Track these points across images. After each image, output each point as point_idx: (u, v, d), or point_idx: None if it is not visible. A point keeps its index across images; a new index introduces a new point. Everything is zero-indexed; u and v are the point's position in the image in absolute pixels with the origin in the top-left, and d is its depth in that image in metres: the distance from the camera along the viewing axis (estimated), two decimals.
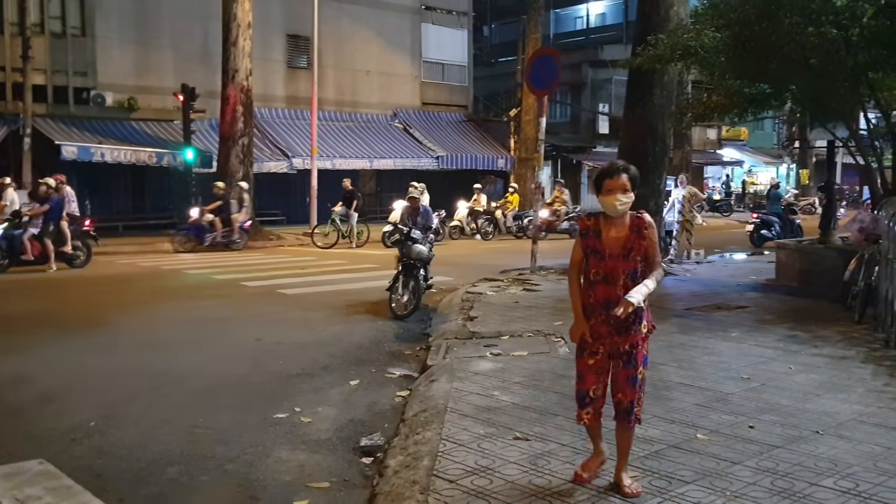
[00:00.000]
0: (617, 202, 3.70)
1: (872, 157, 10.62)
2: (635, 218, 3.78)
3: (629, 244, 3.74)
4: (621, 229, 3.76)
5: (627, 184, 3.70)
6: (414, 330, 8.60)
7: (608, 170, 3.78)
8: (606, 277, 3.76)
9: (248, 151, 20.32)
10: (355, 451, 4.83)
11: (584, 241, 3.83)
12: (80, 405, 5.69)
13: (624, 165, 3.77)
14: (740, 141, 39.06)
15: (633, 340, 3.78)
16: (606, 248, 3.76)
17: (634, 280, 3.74)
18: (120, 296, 11.08)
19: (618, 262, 3.74)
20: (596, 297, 3.80)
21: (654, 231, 3.78)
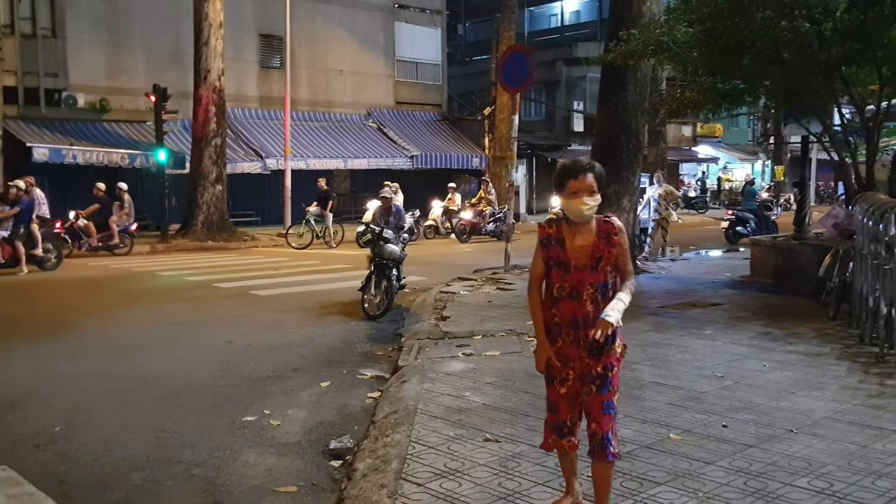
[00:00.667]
0: (583, 206, 3.23)
1: (846, 152, 10.67)
2: (603, 223, 3.32)
3: (597, 253, 3.28)
4: (588, 236, 3.30)
5: (594, 184, 3.24)
6: (386, 330, 8.50)
7: (572, 169, 3.29)
8: (572, 292, 3.31)
9: (221, 152, 20.10)
10: (324, 453, 4.74)
11: (546, 251, 3.36)
12: (45, 410, 5.55)
13: (589, 164, 3.30)
14: (715, 138, 39.36)
15: (606, 362, 3.31)
16: (571, 258, 3.30)
17: (605, 294, 3.31)
18: (90, 298, 10.87)
19: (585, 275, 3.29)
20: (561, 315, 3.34)
21: (626, 237, 3.35)
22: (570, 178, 3.26)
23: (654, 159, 25.54)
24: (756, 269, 11.71)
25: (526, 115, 32.93)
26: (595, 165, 3.31)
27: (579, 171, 3.27)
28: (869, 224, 7.01)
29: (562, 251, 3.32)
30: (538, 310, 3.42)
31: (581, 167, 3.28)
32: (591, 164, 3.31)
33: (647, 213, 15.14)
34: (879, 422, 4.79)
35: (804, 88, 9.77)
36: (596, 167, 3.30)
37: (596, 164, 3.32)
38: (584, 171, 3.27)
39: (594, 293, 3.30)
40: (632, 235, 13.06)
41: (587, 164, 3.30)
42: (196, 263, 15.40)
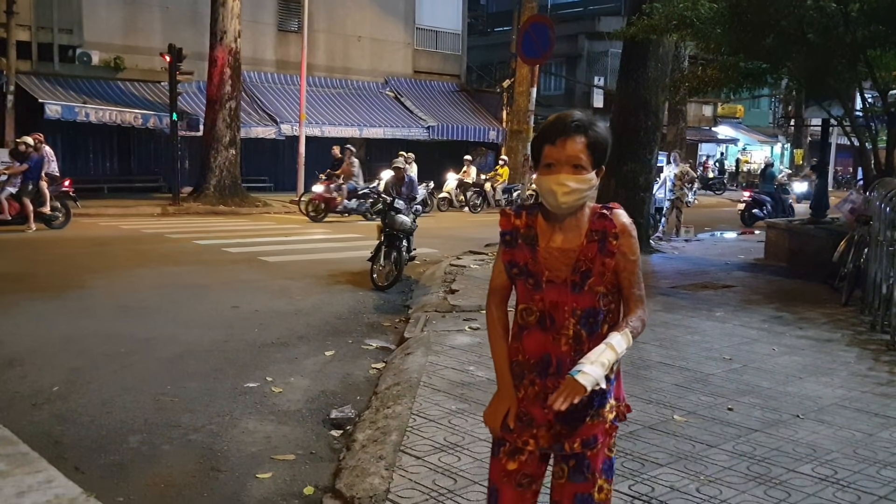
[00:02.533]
0: (559, 189, 2.09)
1: (867, 137, 10.46)
2: (599, 217, 2.19)
3: (584, 263, 2.16)
4: (572, 235, 2.18)
5: (583, 155, 2.10)
6: (394, 301, 8.45)
7: (550, 127, 2.15)
8: (544, 319, 2.19)
9: (236, 115, 19.99)
10: (325, 423, 4.70)
11: (509, 253, 2.24)
12: (44, 370, 5.54)
13: (578, 121, 2.12)
14: (736, 119, 38.86)
15: (588, 435, 2.19)
16: (544, 267, 2.18)
17: (594, 328, 2.17)
18: (97, 259, 10.87)
19: (564, 294, 2.16)
20: (526, 351, 2.23)
21: (633, 241, 2.19)
22: (546, 142, 2.12)
23: (673, 138, 25.28)
24: (770, 252, 11.58)
25: (545, 89, 32.59)
26: (588, 124, 2.13)
27: (560, 130, 2.10)
28: (886, 210, 6.87)
29: (531, 255, 2.19)
30: (498, 337, 2.29)
31: (563, 125, 2.11)
32: (582, 121, 2.12)
33: (663, 192, 14.97)
34: (887, 410, 4.71)
35: (827, 70, 9.55)
36: (590, 127, 2.12)
37: (591, 123, 2.14)
38: (566, 131, 2.10)
39: (576, 325, 2.16)
40: (647, 215, 12.93)
41: (575, 121, 2.11)
42: (206, 227, 15.38)
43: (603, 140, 2.14)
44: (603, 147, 2.14)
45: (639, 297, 2.20)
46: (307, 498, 3.69)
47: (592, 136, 2.11)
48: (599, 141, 2.13)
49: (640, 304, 2.20)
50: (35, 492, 3.61)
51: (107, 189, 21.18)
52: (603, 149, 2.14)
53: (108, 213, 16.96)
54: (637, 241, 2.20)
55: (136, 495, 3.65)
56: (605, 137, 2.14)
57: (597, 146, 2.12)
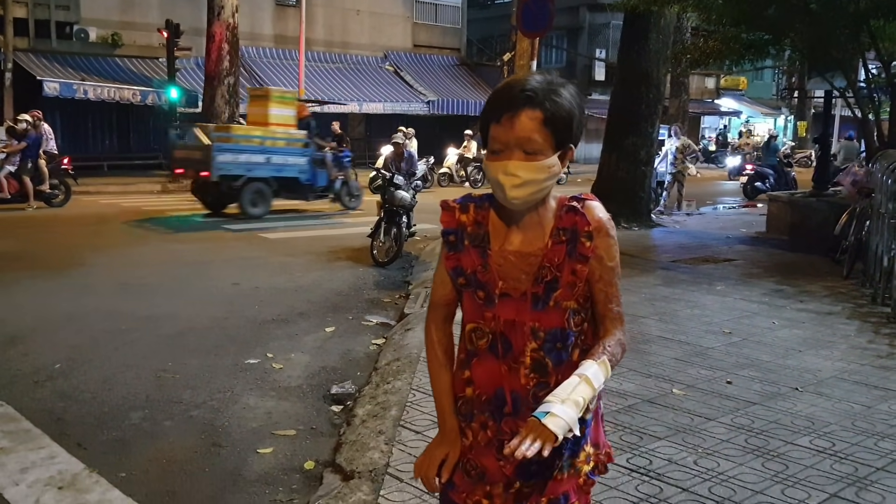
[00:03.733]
0: (507, 180, 1.62)
1: (870, 108, 10.39)
2: (568, 211, 1.71)
3: (549, 270, 1.69)
4: (534, 235, 1.72)
5: (538, 134, 1.60)
6: (394, 277, 8.46)
7: (495, 99, 1.66)
8: (496, 343, 1.73)
9: (235, 91, 19.86)
10: (325, 398, 4.73)
11: (453, 257, 1.77)
12: (46, 347, 5.56)
13: (532, 88, 1.61)
14: (739, 91, 38.58)
15: (555, 493, 1.73)
16: (498, 276, 1.71)
17: (561, 355, 1.71)
18: (97, 236, 10.87)
19: (523, 311, 1.70)
20: (476, 383, 1.77)
21: (612, 241, 1.72)
22: (490, 120, 1.64)
23: (675, 111, 25.12)
24: (772, 226, 11.55)
25: (546, 61, 32.31)
26: (544, 92, 1.61)
27: (505, 104, 1.61)
28: (888, 182, 6.83)
29: (480, 260, 1.72)
30: (438, 366, 1.84)
31: (510, 97, 1.61)
32: (535, 89, 1.60)
33: (665, 165, 14.91)
34: (886, 383, 4.71)
35: (830, 41, 9.46)
36: (546, 97, 1.60)
37: (549, 90, 1.61)
38: (513, 104, 1.60)
39: (538, 351, 1.70)
40: (648, 188, 12.89)
41: (526, 90, 1.60)
42: None
43: (566, 113, 1.60)
44: (566, 122, 1.61)
45: (617, 315, 1.73)
46: (308, 472, 3.71)
47: (550, 109, 1.58)
48: (560, 114, 1.59)
49: (618, 324, 1.73)
50: (38, 468, 3.64)
51: (106, 166, 21.14)
52: (566, 124, 1.61)
53: (109, 191, 16.94)
54: (616, 241, 1.72)
55: (138, 471, 3.67)
56: (568, 109, 1.60)
57: (557, 121, 1.59)
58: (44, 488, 3.43)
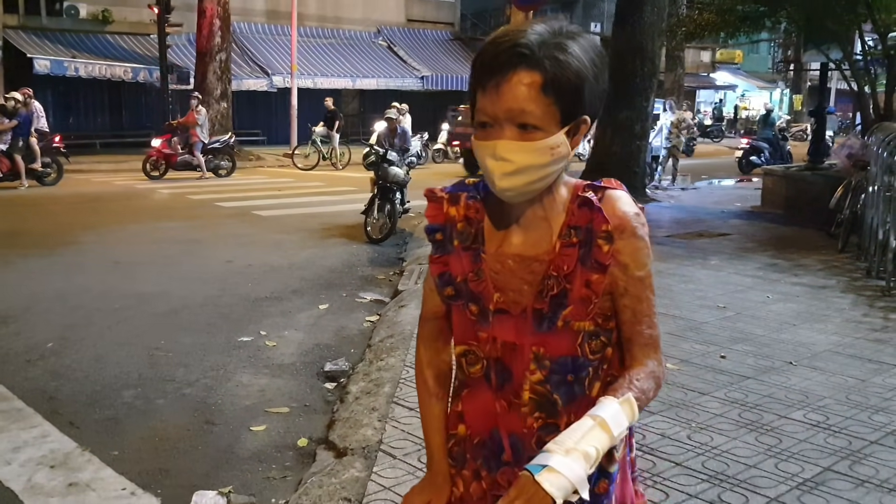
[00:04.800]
0: (497, 167, 1.25)
1: (866, 81, 10.32)
2: (582, 203, 1.32)
3: (556, 280, 1.31)
4: (538, 234, 1.34)
5: (535, 105, 1.21)
6: (388, 254, 8.43)
7: (480, 59, 1.25)
8: (492, 369, 1.39)
9: (226, 68, 19.71)
10: (319, 376, 4.71)
11: (440, 261, 1.41)
12: (38, 326, 5.53)
13: (527, 42, 1.20)
14: (734, 64, 38.39)
15: None
16: (493, 286, 1.36)
17: (572, 389, 1.35)
18: (90, 215, 10.80)
19: (524, 332, 1.34)
20: (467, 421, 1.45)
21: (641, 243, 1.33)
22: (478, 87, 1.25)
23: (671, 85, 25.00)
24: (767, 200, 11.52)
25: None
26: (545, 46, 1.21)
27: (492, 66, 1.22)
28: (884, 155, 6.80)
29: (472, 265, 1.37)
30: (427, 394, 1.51)
31: (496, 54, 1.22)
32: (530, 44, 1.20)
33: (660, 140, 14.84)
34: (881, 356, 4.71)
35: (826, 12, 9.39)
36: (547, 53, 1.21)
37: (553, 44, 1.22)
38: (501, 65, 1.21)
39: (543, 384, 1.34)
40: (643, 163, 12.83)
41: (517, 45, 1.21)
42: (199, 182, 15.26)
43: (574, 73, 1.20)
44: (575, 86, 1.20)
45: (649, 340, 1.33)
46: (301, 450, 3.70)
47: (552, 70, 1.19)
48: (566, 76, 1.19)
49: (650, 351, 1.32)
50: (30, 447, 3.63)
51: (99, 144, 20.99)
52: (575, 89, 1.21)
53: (101, 169, 16.84)
54: (647, 244, 1.32)
55: (131, 449, 3.66)
56: (577, 69, 1.20)
57: (562, 86, 1.19)
58: (36, 467, 3.42)
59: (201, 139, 15.77)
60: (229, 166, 16.31)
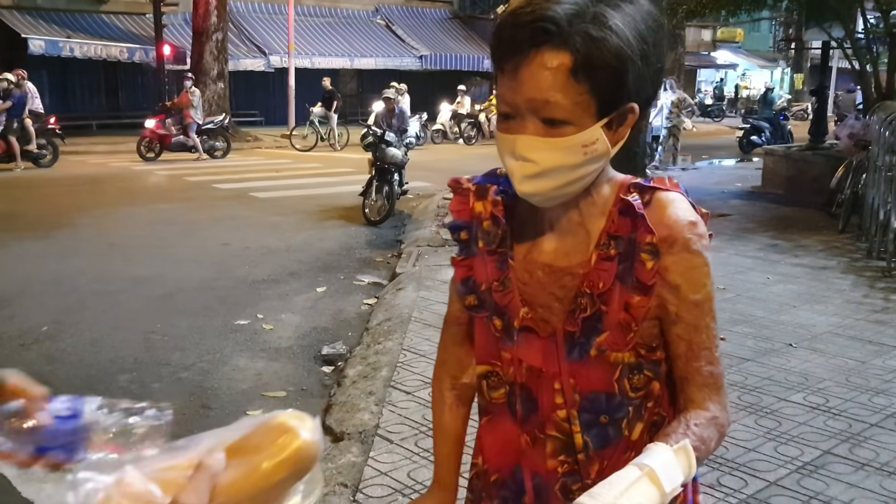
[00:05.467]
0: (518, 169, 1.04)
1: (867, 59, 10.23)
2: (624, 208, 1.09)
3: (589, 299, 1.09)
4: (573, 240, 1.12)
5: (563, 94, 0.97)
6: (386, 236, 8.38)
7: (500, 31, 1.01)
8: (515, 397, 1.18)
9: (223, 47, 19.54)
10: (316, 359, 4.69)
11: (464, 264, 1.22)
12: (33, 310, 5.49)
13: (553, 15, 0.95)
14: (735, 43, 38.13)
15: None
16: (520, 299, 1.14)
17: (607, 431, 1.13)
18: (86, 197, 10.73)
19: (551, 357, 1.13)
20: (486, 454, 1.26)
21: (695, 258, 1.07)
22: (496, 69, 1.04)
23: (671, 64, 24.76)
24: (767, 180, 11.45)
25: None
26: (574, 21, 0.96)
27: (509, 43, 1.00)
28: (885, 134, 6.74)
29: (497, 273, 1.17)
30: (438, 398, 1.36)
31: (514, 29, 0.99)
32: (556, 19, 0.95)
33: (660, 120, 14.73)
34: (881, 337, 4.68)
35: None
36: (577, 31, 0.96)
37: (590, 17, 0.97)
38: (519, 44, 0.98)
39: (573, 422, 1.14)
40: (643, 143, 12.74)
41: (539, 21, 0.96)
42: (196, 163, 15.16)
43: (614, 52, 0.97)
44: (615, 68, 0.98)
45: (709, 379, 1.09)
46: None
47: (584, 49, 0.96)
48: (604, 57, 0.97)
49: (712, 394, 1.09)
50: None
51: (95, 126, 20.86)
52: (617, 72, 0.98)
53: (97, 151, 16.72)
54: (706, 261, 1.09)
55: None
56: (617, 47, 0.97)
57: (598, 69, 0.97)
58: None
59: (195, 120, 15.58)
60: (224, 147, 16.15)
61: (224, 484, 0.67)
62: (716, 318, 1.10)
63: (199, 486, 0.66)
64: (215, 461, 0.67)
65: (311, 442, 0.71)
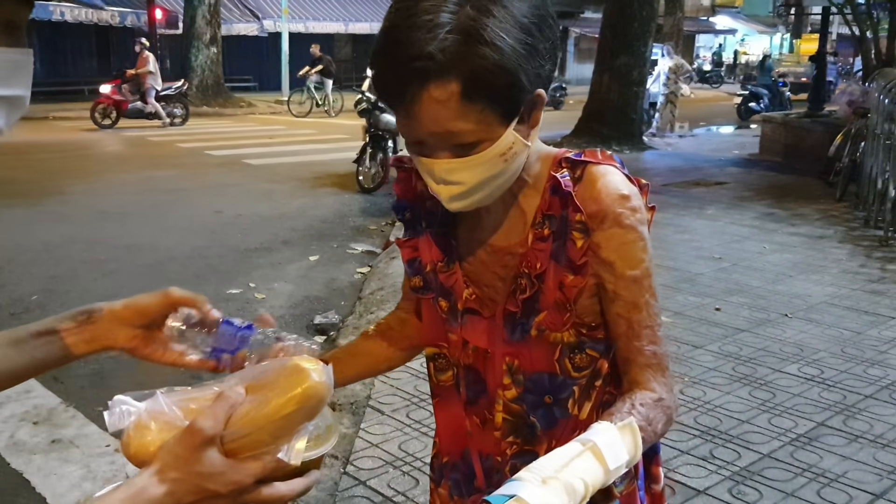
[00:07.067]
0: (444, 191, 1.00)
1: (868, 25, 10.09)
2: (554, 187, 1.04)
3: (527, 279, 1.06)
4: (513, 220, 1.09)
5: (465, 121, 0.92)
6: (380, 204, 8.30)
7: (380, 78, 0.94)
8: (461, 379, 1.18)
9: (216, 11, 19.24)
10: (308, 328, 4.65)
11: (409, 245, 1.19)
12: (23, 278, 5.43)
13: (431, 48, 0.88)
14: (734, 8, 37.70)
15: None
16: (463, 280, 1.13)
17: (552, 412, 1.11)
18: (76, 163, 10.62)
19: (496, 337, 1.11)
20: (442, 432, 1.24)
21: (627, 233, 1.03)
22: (389, 105, 0.97)
23: (670, 30, 24.46)
24: (765, 147, 11.39)
25: None
26: (451, 49, 0.88)
27: (394, 89, 0.93)
28: (885, 102, 6.65)
29: (441, 254, 1.15)
30: None
31: (397, 74, 0.92)
32: (431, 53, 0.88)
33: (658, 86, 14.58)
34: (877, 308, 4.66)
35: None
36: (458, 57, 0.89)
37: (466, 37, 0.88)
38: (404, 87, 0.91)
39: (518, 401, 1.12)
40: (641, 110, 12.63)
41: (417, 61, 0.89)
42: (189, 130, 15.02)
43: (498, 66, 0.90)
44: (506, 78, 0.91)
45: (652, 360, 1.05)
46: None
47: (470, 72, 0.89)
48: (492, 73, 0.90)
49: (656, 374, 1.04)
50: (13, 402, 3.57)
51: (87, 91, 20.58)
52: (508, 80, 0.92)
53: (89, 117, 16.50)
54: (642, 234, 1.05)
55: None
56: (498, 62, 0.90)
57: (488, 85, 0.91)
58: (18, 423, 3.37)
59: (154, 86, 14.84)
60: (183, 114, 15.41)
61: (238, 414, 0.77)
62: (656, 295, 1.06)
63: (216, 412, 0.76)
64: (234, 393, 0.78)
65: (320, 382, 0.79)
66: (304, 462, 0.80)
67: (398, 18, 0.92)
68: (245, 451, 0.77)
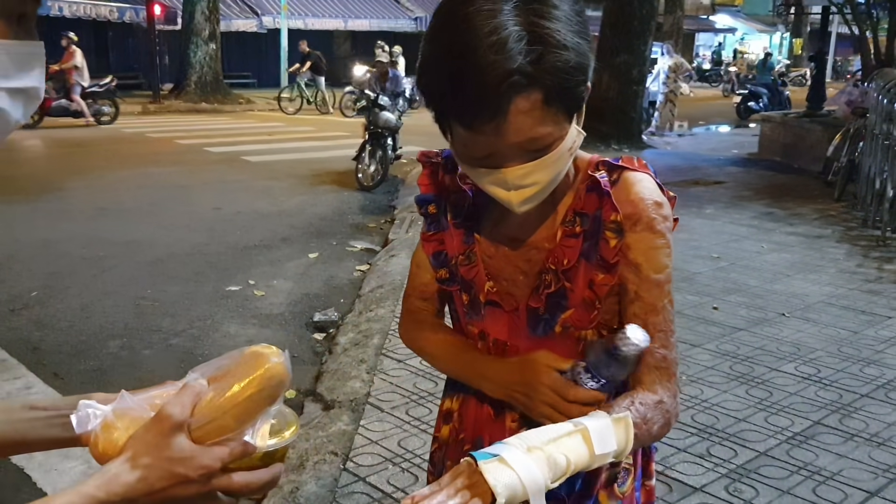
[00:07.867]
0: (515, 197, 1.00)
1: (867, 25, 10.11)
2: (591, 187, 1.09)
3: (554, 275, 1.10)
4: (539, 215, 1.09)
5: (544, 125, 0.94)
6: (380, 202, 8.32)
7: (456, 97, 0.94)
8: None
9: (215, 7, 19.21)
10: (307, 326, 4.66)
11: (434, 239, 1.22)
12: (22, 275, 5.44)
13: (520, 66, 0.89)
14: (734, 6, 37.70)
15: None
16: (486, 272, 1.16)
17: None
18: (75, 160, 10.62)
19: (517, 332, 1.15)
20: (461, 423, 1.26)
21: (659, 239, 1.08)
22: (454, 122, 0.98)
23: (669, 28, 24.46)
24: (764, 147, 11.39)
25: None
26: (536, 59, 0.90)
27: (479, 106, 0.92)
28: (884, 102, 6.67)
29: (463, 246, 1.18)
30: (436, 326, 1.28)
31: (484, 93, 0.91)
32: (523, 68, 0.89)
33: (657, 85, 14.59)
34: (874, 307, 4.68)
35: None
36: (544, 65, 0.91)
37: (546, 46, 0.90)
38: (496, 104, 0.91)
39: None
40: (640, 109, 12.63)
41: (512, 77, 0.89)
42: (188, 126, 15.02)
43: (573, 67, 0.92)
44: (577, 78, 0.94)
45: (661, 363, 1.07)
46: (288, 402, 3.61)
47: (552, 78, 0.91)
48: (569, 75, 0.92)
49: (662, 377, 1.07)
50: (13, 398, 3.58)
51: None
52: (578, 80, 0.94)
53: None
54: (668, 240, 1.08)
55: None
56: (577, 62, 0.93)
57: (565, 87, 0.93)
58: None
59: (79, 82, 14.08)
60: (112, 112, 14.64)
61: (203, 403, 0.80)
62: (674, 302, 1.10)
63: (182, 399, 0.80)
64: (197, 384, 0.82)
65: (278, 364, 0.82)
66: (269, 454, 0.83)
67: (464, 37, 0.91)
68: (212, 437, 0.79)
